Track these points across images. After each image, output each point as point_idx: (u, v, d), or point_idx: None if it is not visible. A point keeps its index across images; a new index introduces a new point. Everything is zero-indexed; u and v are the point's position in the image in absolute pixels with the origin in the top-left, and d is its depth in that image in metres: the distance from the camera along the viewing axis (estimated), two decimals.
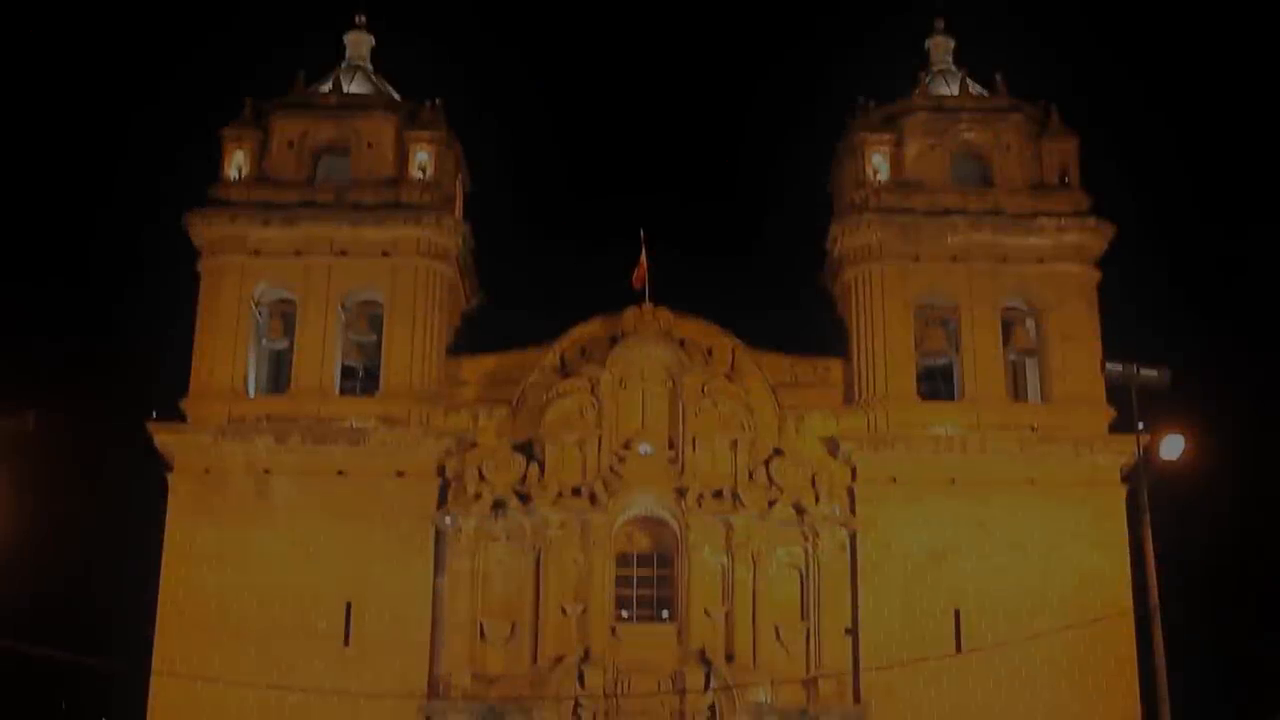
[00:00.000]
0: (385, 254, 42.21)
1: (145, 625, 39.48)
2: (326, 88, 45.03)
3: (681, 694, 37.80)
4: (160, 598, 39.48)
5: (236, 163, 43.35)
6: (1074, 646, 38.68)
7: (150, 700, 38.90)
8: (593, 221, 60.73)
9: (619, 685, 37.90)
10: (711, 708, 37.77)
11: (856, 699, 38.68)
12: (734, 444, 40.02)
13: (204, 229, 42.29)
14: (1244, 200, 67.07)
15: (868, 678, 38.47)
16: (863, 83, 46.12)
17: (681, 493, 39.20)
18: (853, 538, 39.79)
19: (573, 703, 37.68)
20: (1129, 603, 38.63)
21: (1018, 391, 43.45)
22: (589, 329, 42.37)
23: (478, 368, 42.70)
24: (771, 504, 39.40)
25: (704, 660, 37.95)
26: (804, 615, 39.35)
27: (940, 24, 47.61)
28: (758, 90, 74.13)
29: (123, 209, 63.64)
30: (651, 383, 40.47)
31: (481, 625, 39.07)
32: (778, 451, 40.48)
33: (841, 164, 45.29)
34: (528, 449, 40.33)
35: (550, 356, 41.84)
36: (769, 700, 37.82)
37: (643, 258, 41.72)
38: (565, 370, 41.47)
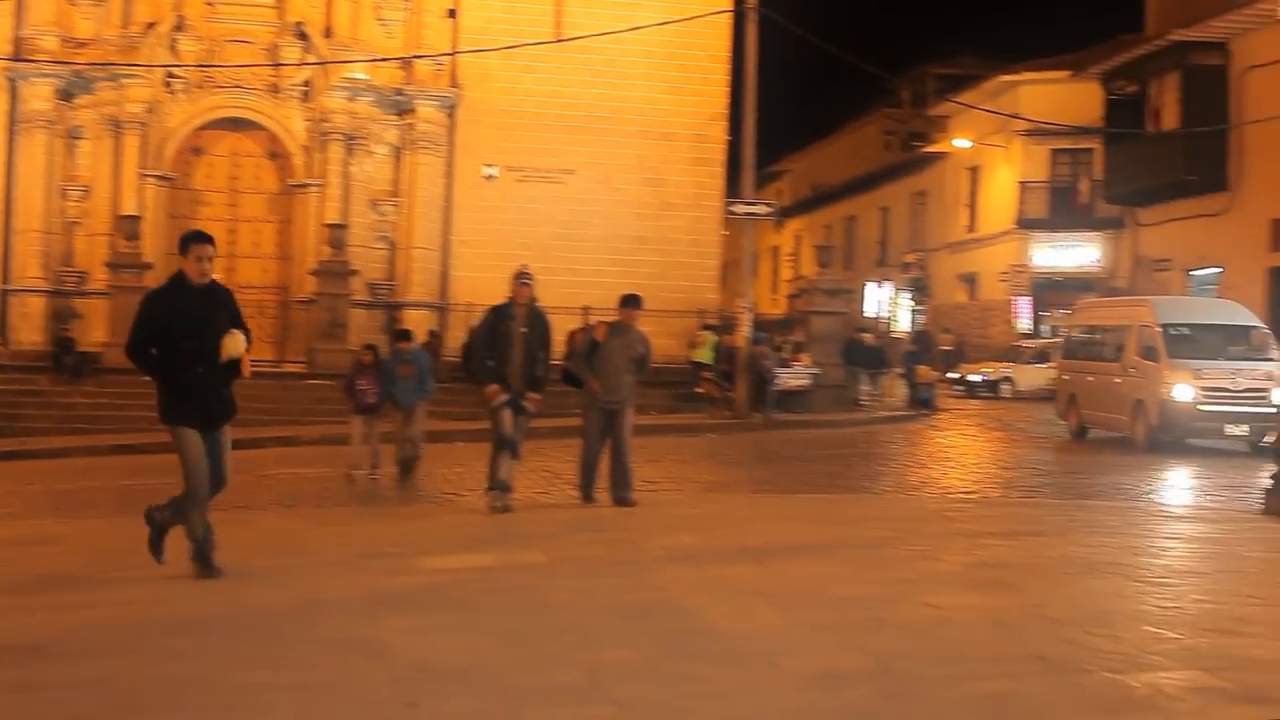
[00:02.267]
0: None
1: None
2: None
3: (276, 67, 37.25)
4: None
5: None
6: (671, 41, 39.25)
7: None
8: None
9: (213, 55, 37.03)
10: (306, 82, 37.41)
11: (453, 82, 38.82)
12: None
13: None
14: None
15: (465, 61, 38.43)
16: None
17: None
18: None
19: (165, 72, 36.72)
20: (728, 1, 39.23)
21: None
22: None
23: None
24: None
25: (301, 34, 37.28)
26: None
27: None
28: None
29: None
30: None
31: None
32: None
33: None
34: None
35: None
36: (366, 77, 37.62)
37: None
38: None
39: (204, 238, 10.28)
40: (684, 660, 7.38)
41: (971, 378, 41.82)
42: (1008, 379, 41.54)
